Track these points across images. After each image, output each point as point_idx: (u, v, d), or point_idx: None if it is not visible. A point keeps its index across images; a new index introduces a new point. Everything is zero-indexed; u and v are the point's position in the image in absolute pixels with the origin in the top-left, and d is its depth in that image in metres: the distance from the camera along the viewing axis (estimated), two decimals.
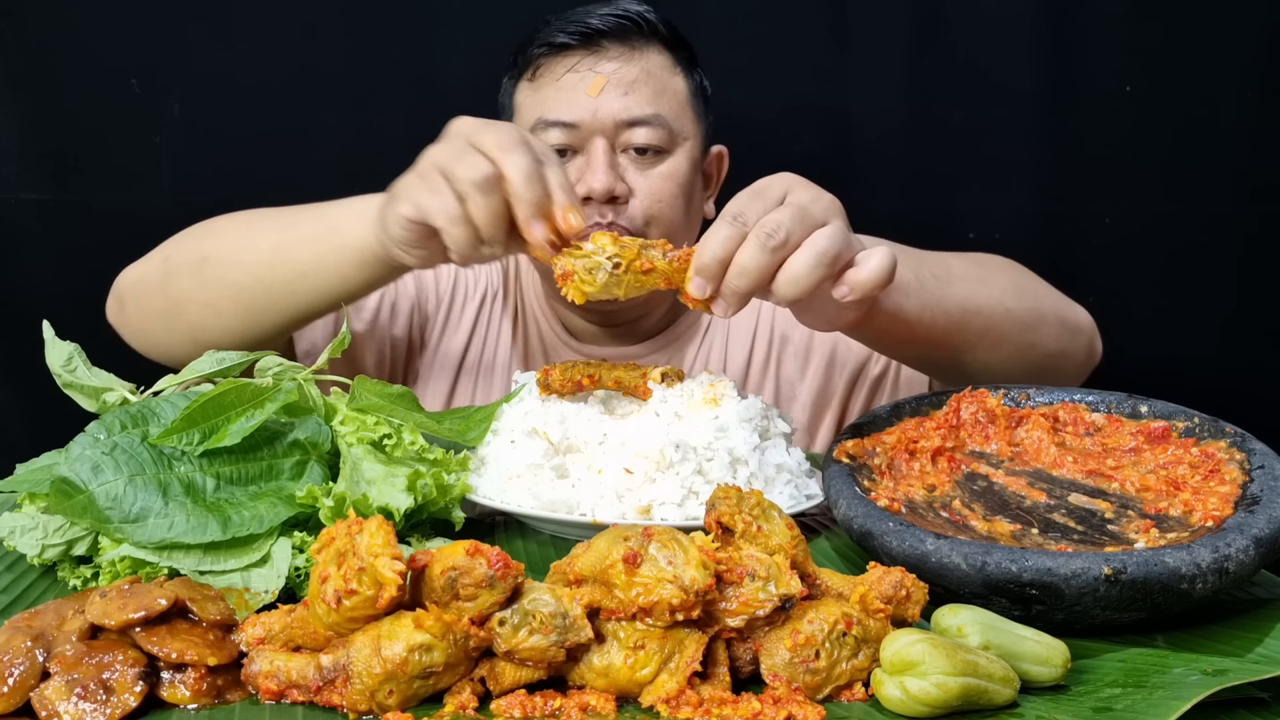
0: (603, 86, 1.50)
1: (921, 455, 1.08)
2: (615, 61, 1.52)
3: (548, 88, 1.53)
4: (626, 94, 1.51)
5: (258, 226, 1.34)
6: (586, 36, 1.52)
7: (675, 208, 1.54)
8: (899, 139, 2.16)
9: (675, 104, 1.55)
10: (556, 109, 1.51)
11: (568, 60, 1.53)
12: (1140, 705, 0.75)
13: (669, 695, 0.77)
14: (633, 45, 1.53)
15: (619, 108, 1.50)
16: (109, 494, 0.93)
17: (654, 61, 1.54)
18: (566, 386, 1.19)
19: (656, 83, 1.53)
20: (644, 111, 1.51)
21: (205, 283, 1.33)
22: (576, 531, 1.09)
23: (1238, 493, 0.98)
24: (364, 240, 1.20)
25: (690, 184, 1.57)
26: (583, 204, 1.41)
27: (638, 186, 1.51)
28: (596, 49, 1.53)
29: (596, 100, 1.50)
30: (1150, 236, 2.18)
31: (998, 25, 2.11)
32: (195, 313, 1.34)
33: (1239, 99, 2.14)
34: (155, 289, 1.37)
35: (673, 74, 1.56)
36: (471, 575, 0.76)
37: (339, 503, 0.97)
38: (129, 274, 1.43)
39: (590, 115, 1.50)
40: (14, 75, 1.99)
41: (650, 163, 1.52)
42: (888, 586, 0.84)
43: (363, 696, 0.75)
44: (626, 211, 1.50)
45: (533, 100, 1.55)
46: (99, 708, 0.74)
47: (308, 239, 1.27)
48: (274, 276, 1.29)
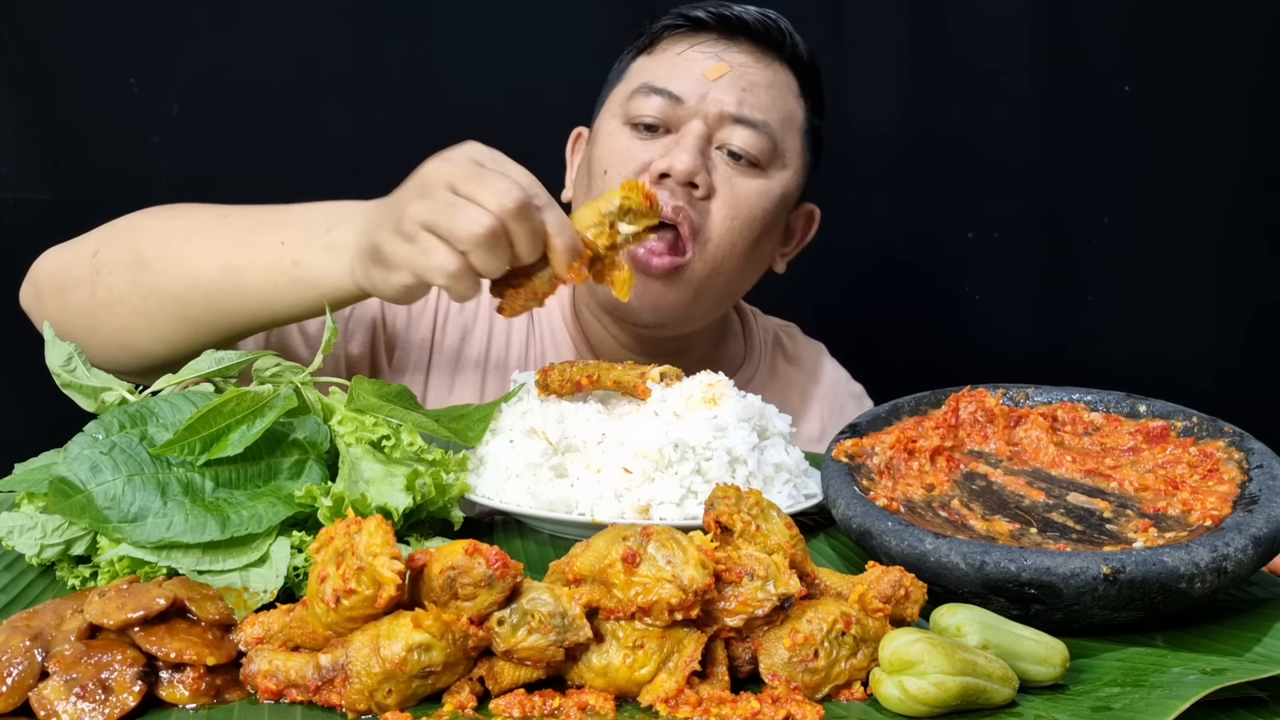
0: (724, 74, 1.40)
1: (920, 455, 1.08)
2: (745, 56, 1.43)
3: (664, 57, 1.44)
4: (745, 90, 1.41)
5: (204, 236, 1.26)
6: (725, 21, 1.43)
7: (750, 231, 1.42)
8: (899, 139, 2.17)
9: (788, 126, 1.45)
10: (667, 77, 1.41)
11: (697, 38, 1.44)
12: (1139, 704, 0.75)
13: (668, 695, 0.77)
14: (767, 52, 1.45)
15: (732, 100, 1.40)
16: (107, 494, 0.93)
17: (783, 77, 1.45)
18: (565, 387, 1.19)
19: (778, 97, 1.44)
20: (755, 114, 1.40)
21: (141, 289, 1.25)
22: (575, 531, 1.09)
23: (1236, 492, 0.98)
24: (334, 279, 1.18)
25: (774, 216, 1.46)
26: (659, 182, 1.36)
27: (721, 189, 1.40)
28: (730, 38, 1.43)
29: (710, 84, 1.40)
30: (1150, 236, 2.18)
31: (998, 25, 2.11)
32: (126, 318, 1.25)
33: (1238, 99, 2.14)
34: (81, 284, 1.27)
35: (796, 98, 1.47)
36: (470, 575, 0.76)
37: (337, 502, 0.97)
38: (50, 260, 1.33)
39: (699, 96, 1.40)
40: (13, 75, 1.99)
41: (743, 171, 1.41)
42: (886, 586, 0.84)
43: (361, 696, 0.75)
44: (697, 209, 1.38)
45: (645, 66, 1.46)
46: (98, 707, 0.74)
47: (264, 266, 1.21)
48: (222, 296, 1.22)
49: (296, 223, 1.23)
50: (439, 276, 1.07)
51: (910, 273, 2.25)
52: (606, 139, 1.45)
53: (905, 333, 2.26)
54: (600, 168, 1.43)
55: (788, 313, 1.78)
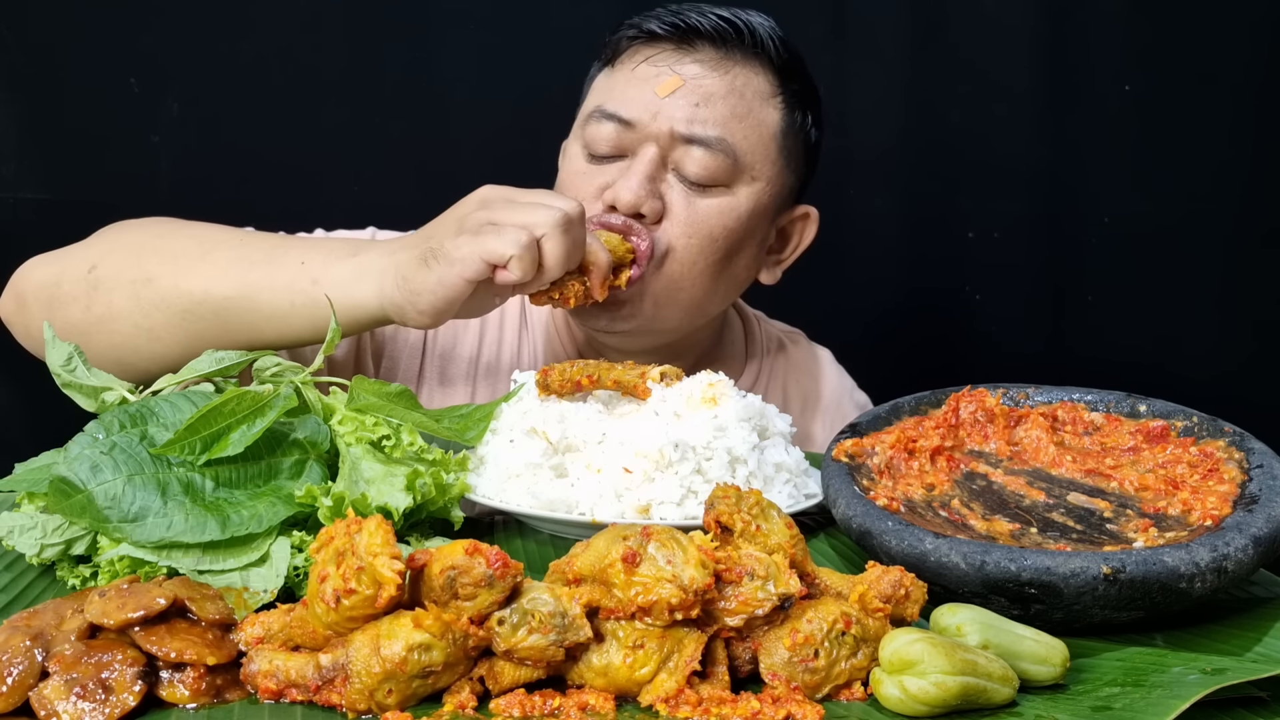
0: (675, 89, 1.33)
1: (920, 454, 1.08)
2: (701, 66, 1.35)
3: (620, 74, 1.38)
4: (698, 105, 1.33)
5: (220, 254, 1.24)
6: (679, 30, 1.35)
7: (708, 251, 1.35)
8: (899, 139, 2.17)
9: (754, 136, 1.36)
10: (618, 100, 1.36)
11: (653, 49, 1.36)
12: (1139, 704, 0.75)
13: (668, 694, 0.77)
14: (729, 55, 1.36)
15: (682, 117, 1.33)
16: (108, 493, 0.93)
17: (748, 81, 1.36)
18: (566, 387, 1.19)
19: (740, 105, 1.35)
20: (708, 132, 1.32)
21: (145, 304, 1.22)
22: (575, 531, 1.09)
23: (1236, 492, 0.98)
24: (355, 298, 1.17)
25: (741, 235, 1.38)
26: (609, 210, 1.34)
27: (676, 209, 1.34)
28: (687, 47, 1.35)
29: (662, 102, 1.33)
30: (1150, 236, 2.18)
31: (998, 25, 2.11)
32: (126, 333, 1.23)
33: (1239, 98, 2.14)
34: (74, 300, 1.24)
35: (766, 102, 1.37)
36: (470, 574, 0.76)
37: (338, 502, 0.97)
38: (36, 273, 1.30)
39: (650, 116, 1.33)
40: (13, 74, 1.99)
41: (701, 191, 1.34)
42: (887, 586, 0.84)
43: (362, 696, 0.75)
44: (656, 233, 1.34)
45: (602, 86, 1.41)
46: (98, 707, 0.74)
47: (282, 286, 1.19)
48: (234, 313, 1.20)
49: (318, 247, 1.23)
50: (511, 246, 1.12)
51: (910, 273, 2.25)
52: (567, 162, 1.44)
53: (905, 332, 2.26)
54: (561, 188, 1.43)
55: (786, 312, 1.77)
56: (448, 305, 1.16)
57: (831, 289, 2.19)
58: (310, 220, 1.50)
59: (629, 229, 1.34)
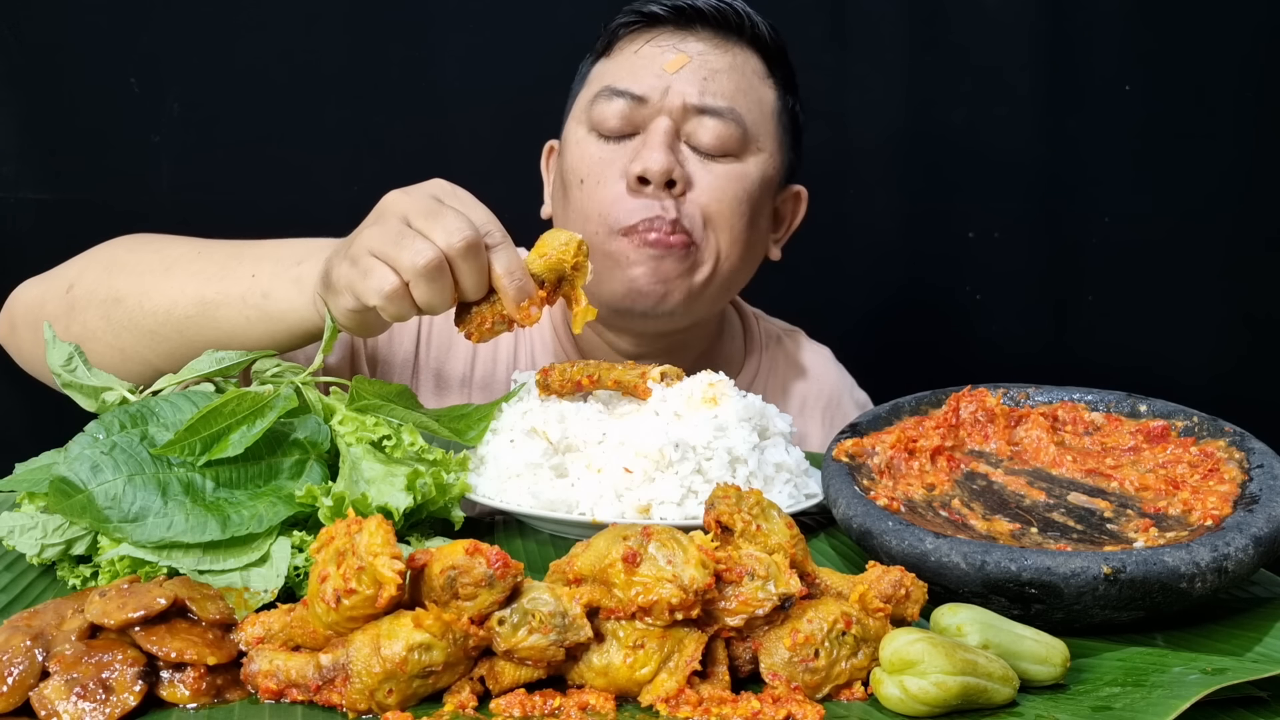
0: (683, 65, 1.38)
1: (921, 454, 1.08)
2: (704, 44, 1.41)
3: (622, 58, 1.42)
4: (706, 79, 1.38)
5: (179, 270, 1.25)
6: (680, 12, 1.41)
7: (739, 214, 1.39)
8: (899, 139, 2.17)
9: (757, 110, 1.42)
10: (627, 78, 1.39)
11: (653, 33, 1.42)
12: (1139, 704, 0.75)
13: (668, 694, 0.77)
14: (727, 37, 1.42)
15: (694, 91, 1.37)
16: (108, 493, 0.93)
17: (746, 60, 1.42)
18: (566, 387, 1.19)
19: (742, 80, 1.41)
20: (719, 103, 1.38)
21: (115, 325, 1.25)
22: (576, 531, 1.09)
23: (1237, 492, 0.98)
24: (299, 312, 1.17)
25: (759, 199, 1.42)
26: (638, 186, 1.35)
27: (698, 179, 1.38)
28: (687, 28, 1.41)
29: (671, 78, 1.38)
30: (1150, 236, 2.18)
31: (998, 25, 2.11)
32: (101, 352, 1.25)
33: (1239, 98, 2.14)
34: (56, 320, 1.26)
35: (762, 80, 1.44)
36: (471, 574, 0.76)
37: (338, 502, 0.97)
38: (25, 294, 1.34)
39: (660, 92, 1.37)
40: (13, 74, 1.99)
41: (716, 160, 1.39)
42: (887, 586, 0.84)
43: (362, 696, 0.75)
44: (684, 206, 1.36)
45: (605, 70, 1.44)
46: (98, 707, 0.74)
47: (236, 300, 1.20)
48: (195, 330, 1.22)
49: (269, 256, 1.23)
50: (374, 296, 1.06)
51: (910, 273, 2.25)
52: (575, 148, 1.43)
53: (905, 333, 2.26)
54: (575, 178, 1.42)
55: (786, 312, 1.77)
56: (356, 330, 1.14)
57: (831, 288, 2.19)
58: (310, 220, 1.49)
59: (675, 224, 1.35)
